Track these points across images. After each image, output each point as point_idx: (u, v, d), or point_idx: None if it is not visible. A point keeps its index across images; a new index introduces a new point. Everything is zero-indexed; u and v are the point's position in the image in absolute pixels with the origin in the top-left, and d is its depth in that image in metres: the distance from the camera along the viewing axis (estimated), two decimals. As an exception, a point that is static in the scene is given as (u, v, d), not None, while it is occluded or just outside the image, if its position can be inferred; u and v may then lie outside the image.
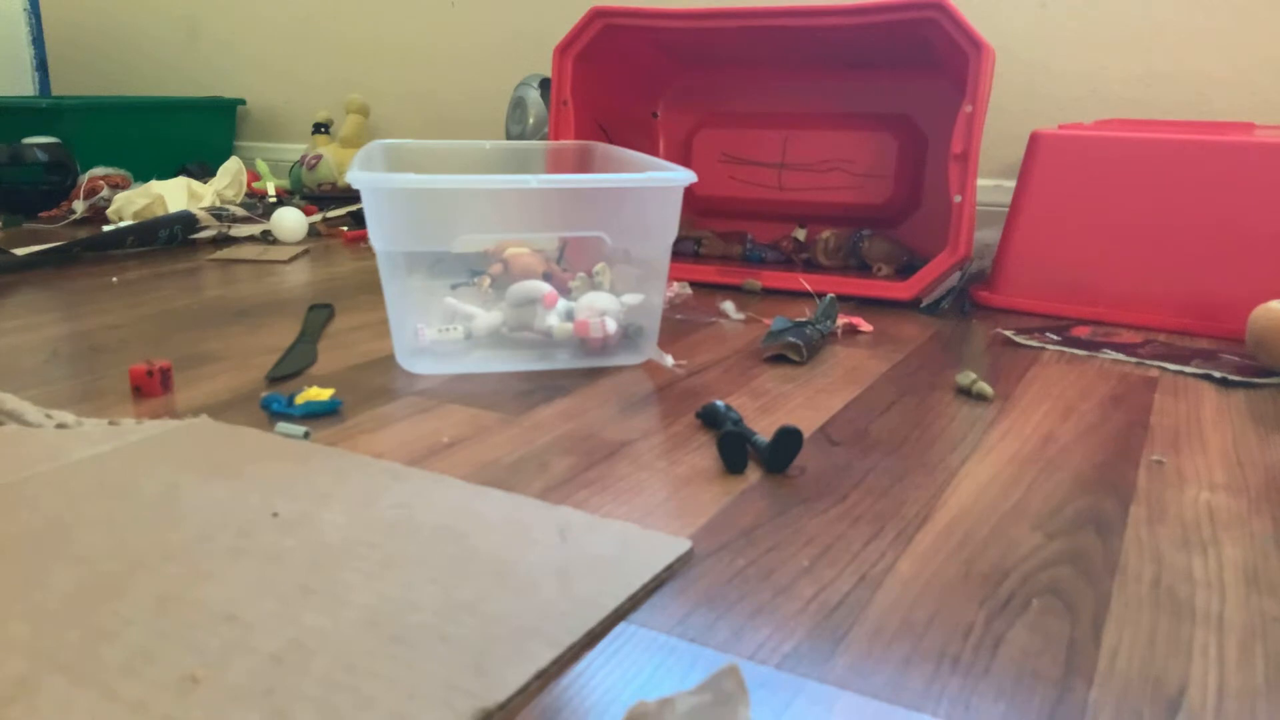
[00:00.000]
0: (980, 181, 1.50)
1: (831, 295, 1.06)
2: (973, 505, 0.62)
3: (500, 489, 0.62)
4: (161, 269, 1.33)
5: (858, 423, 0.78)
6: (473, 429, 0.74)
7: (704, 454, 0.70)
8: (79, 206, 1.68)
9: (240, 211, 1.58)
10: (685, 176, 0.86)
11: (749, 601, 0.50)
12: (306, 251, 1.49)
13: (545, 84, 1.67)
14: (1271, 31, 1.31)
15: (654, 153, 1.52)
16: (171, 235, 1.46)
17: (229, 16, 2.23)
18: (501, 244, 0.94)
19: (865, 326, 1.07)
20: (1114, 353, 0.99)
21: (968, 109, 1.12)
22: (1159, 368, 0.95)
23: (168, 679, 0.41)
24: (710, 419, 0.75)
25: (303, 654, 0.43)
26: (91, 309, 1.10)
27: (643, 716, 0.37)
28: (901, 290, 1.18)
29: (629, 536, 0.56)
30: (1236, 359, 0.98)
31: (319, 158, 1.93)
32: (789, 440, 0.66)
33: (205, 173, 1.99)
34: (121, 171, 1.81)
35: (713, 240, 1.45)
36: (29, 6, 2.48)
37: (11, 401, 0.75)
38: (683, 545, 0.55)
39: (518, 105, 1.69)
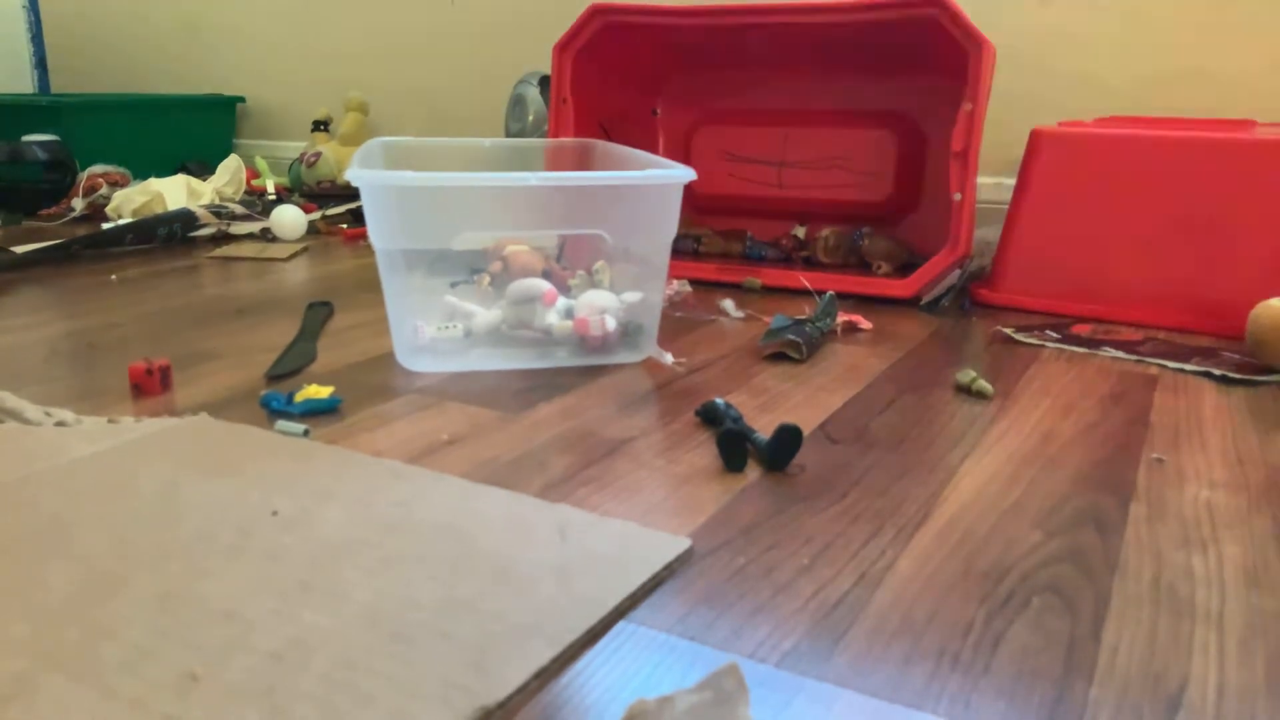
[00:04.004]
0: (980, 179, 1.50)
1: (831, 293, 1.06)
2: (972, 503, 0.62)
3: (500, 487, 0.62)
4: (161, 267, 1.33)
5: (857, 421, 0.78)
6: (472, 427, 0.74)
7: (703, 452, 0.70)
8: (78, 204, 1.68)
9: (239, 209, 1.58)
10: (685, 174, 0.86)
11: (748, 600, 0.50)
12: (306, 249, 1.48)
13: (545, 81, 1.67)
14: (1272, 31, 1.31)
15: (654, 150, 1.52)
16: (170, 233, 1.46)
17: (229, 14, 2.23)
18: (501, 242, 0.94)
19: (865, 324, 1.07)
20: (1114, 350, 0.99)
21: (968, 107, 1.12)
22: (1159, 365, 0.95)
23: (167, 677, 0.41)
24: (710, 417, 0.75)
25: (302, 652, 0.43)
26: (91, 307, 1.10)
27: (642, 714, 0.37)
28: (901, 288, 1.18)
29: (628, 535, 0.55)
30: (1236, 357, 0.98)
31: (318, 155, 1.93)
32: (788, 438, 0.66)
33: (204, 170, 1.99)
34: (121, 169, 1.80)
35: (712, 238, 1.45)
36: (28, 4, 2.47)
37: (11, 400, 0.75)
38: (682, 544, 0.55)
39: (517, 103, 1.69)
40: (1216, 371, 0.92)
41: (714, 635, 0.47)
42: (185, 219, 1.48)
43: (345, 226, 1.64)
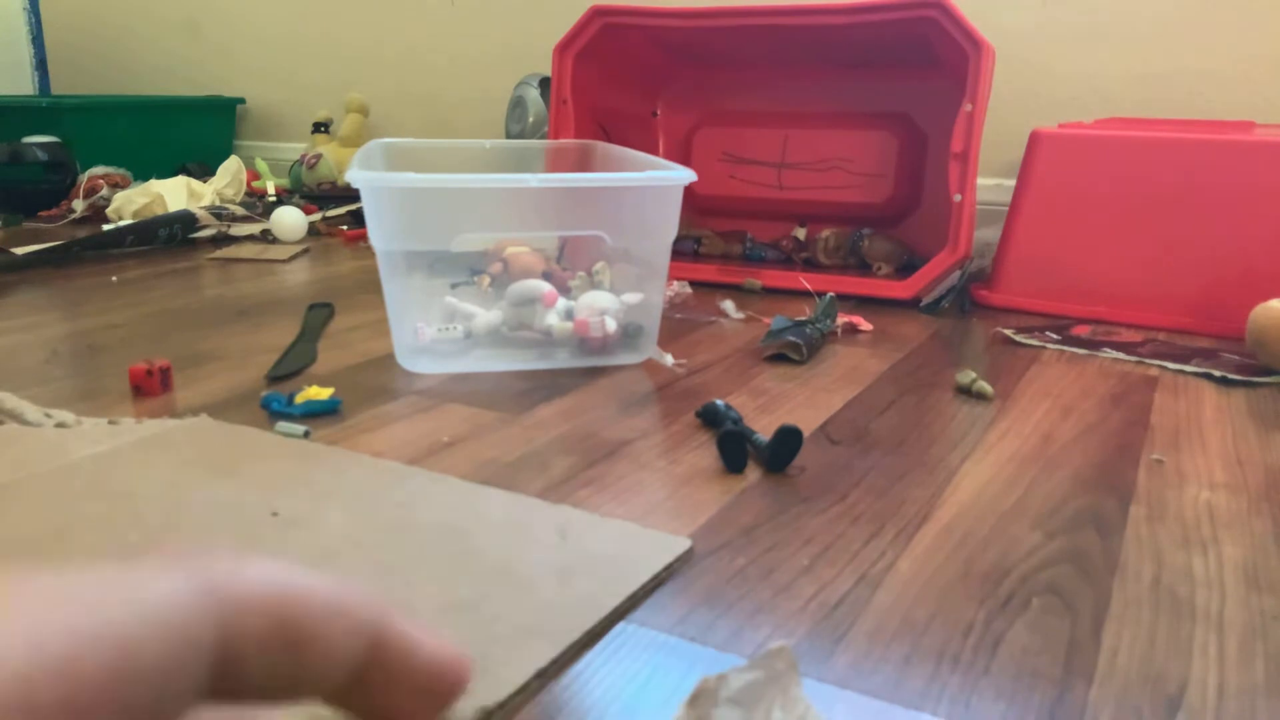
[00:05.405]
0: (980, 180, 1.50)
1: (831, 294, 1.06)
2: (972, 504, 0.62)
3: (500, 488, 0.62)
4: (161, 268, 1.33)
5: (858, 422, 0.78)
6: (473, 428, 0.74)
7: (704, 453, 0.70)
8: (79, 205, 1.68)
9: (240, 210, 1.58)
10: (685, 175, 0.86)
11: (749, 600, 0.50)
12: (306, 250, 1.49)
13: (545, 83, 1.67)
14: (1271, 30, 1.31)
15: (654, 152, 1.52)
16: (171, 234, 1.46)
17: (229, 16, 2.23)
18: (501, 243, 0.94)
19: (865, 325, 1.07)
20: (1114, 352, 0.99)
21: (968, 108, 1.12)
22: (1159, 367, 0.95)
23: (167, 678, 0.41)
24: (710, 418, 0.75)
25: (303, 653, 0.43)
26: (91, 308, 1.10)
27: (704, 691, 0.37)
28: (901, 289, 1.18)
29: (629, 535, 0.55)
30: (1237, 358, 0.98)
31: (318, 156, 1.93)
32: (789, 439, 0.66)
33: (205, 172, 1.99)
34: (121, 170, 1.81)
35: (713, 239, 1.45)
36: (29, 5, 2.48)
37: (11, 401, 0.75)
38: (683, 544, 0.55)
39: (517, 104, 1.69)
40: (1216, 373, 0.92)
41: (714, 636, 0.47)
42: (186, 220, 1.48)
43: (345, 228, 1.65)
